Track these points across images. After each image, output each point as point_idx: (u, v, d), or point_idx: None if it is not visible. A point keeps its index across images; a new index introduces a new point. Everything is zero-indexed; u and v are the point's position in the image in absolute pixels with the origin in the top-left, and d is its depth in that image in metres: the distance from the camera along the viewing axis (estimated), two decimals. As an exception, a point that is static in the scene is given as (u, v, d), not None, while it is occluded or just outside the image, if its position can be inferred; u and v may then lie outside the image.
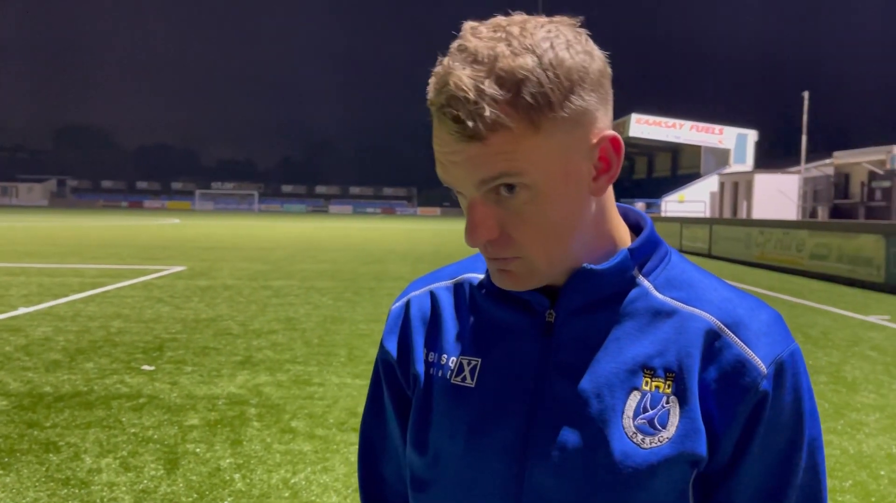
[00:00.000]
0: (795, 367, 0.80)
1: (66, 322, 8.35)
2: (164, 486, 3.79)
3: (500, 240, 0.77)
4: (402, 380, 0.94)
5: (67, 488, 3.74)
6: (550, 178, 0.74)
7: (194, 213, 76.59)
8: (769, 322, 0.81)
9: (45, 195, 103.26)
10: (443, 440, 0.86)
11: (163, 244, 22.90)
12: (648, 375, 0.79)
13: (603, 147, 0.77)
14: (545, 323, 0.83)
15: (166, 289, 11.48)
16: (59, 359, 6.49)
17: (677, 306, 0.82)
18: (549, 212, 0.75)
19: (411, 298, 0.96)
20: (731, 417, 0.78)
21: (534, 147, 0.72)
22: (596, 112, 0.76)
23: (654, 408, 0.78)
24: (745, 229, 20.60)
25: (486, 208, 0.75)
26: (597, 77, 0.75)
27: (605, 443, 0.78)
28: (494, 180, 0.73)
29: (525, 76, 0.70)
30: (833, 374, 6.60)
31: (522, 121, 0.71)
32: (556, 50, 0.72)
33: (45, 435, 4.52)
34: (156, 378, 5.92)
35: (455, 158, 0.74)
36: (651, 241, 0.85)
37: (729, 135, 40.94)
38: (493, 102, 0.70)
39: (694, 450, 0.77)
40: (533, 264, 0.78)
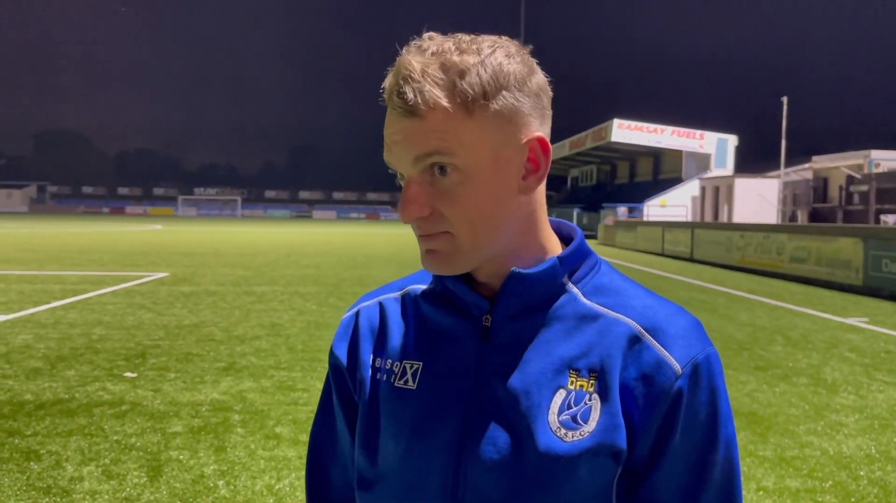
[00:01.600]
0: (710, 369, 0.85)
1: (46, 329, 8.27)
2: (147, 494, 3.77)
3: (431, 216, 0.82)
4: (351, 384, 0.99)
5: (49, 497, 3.71)
6: (480, 163, 0.81)
7: (177, 219, 76.01)
8: (686, 327, 0.87)
9: (25, 201, 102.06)
10: (387, 441, 0.91)
11: (145, 250, 22.72)
12: (574, 375, 0.85)
13: (532, 147, 0.84)
14: (482, 327, 0.89)
15: (149, 296, 11.40)
16: (39, 367, 6.42)
17: (602, 311, 0.88)
18: (478, 194, 0.81)
19: (361, 309, 1.01)
20: (649, 414, 0.83)
21: (466, 131, 0.79)
22: (529, 116, 0.83)
23: (577, 405, 0.84)
24: (726, 233, 20.78)
25: (421, 187, 0.82)
26: (534, 88, 0.84)
27: (531, 437, 0.83)
28: (428, 156, 0.80)
29: (466, 68, 0.79)
30: (813, 376, 6.68)
31: (458, 104, 0.79)
32: (496, 55, 0.81)
33: (26, 443, 4.47)
34: (138, 385, 5.88)
35: (397, 137, 0.81)
36: (580, 251, 0.91)
37: (710, 139, 41.26)
38: (433, 83, 0.78)
39: (613, 442, 0.82)
40: (458, 242, 0.83)
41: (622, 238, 30.80)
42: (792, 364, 7.20)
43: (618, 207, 39.86)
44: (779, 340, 8.53)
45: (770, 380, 6.52)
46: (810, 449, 4.68)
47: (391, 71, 0.81)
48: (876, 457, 4.57)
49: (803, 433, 5.00)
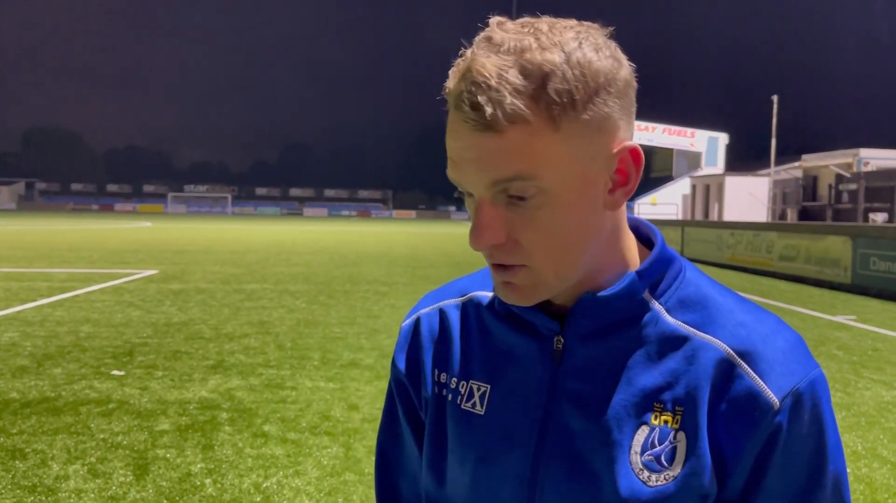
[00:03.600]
0: (815, 398, 0.75)
1: (33, 327, 8.21)
2: (133, 492, 3.75)
3: (506, 245, 0.73)
4: (415, 398, 0.93)
5: (34, 495, 3.68)
6: (567, 183, 0.71)
7: (166, 217, 75.73)
8: (786, 350, 0.77)
9: (13, 198, 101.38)
10: (454, 465, 0.85)
11: (134, 248, 22.61)
12: (658, 410, 0.76)
13: (622, 158, 0.74)
14: (553, 349, 0.81)
15: (137, 293, 11.34)
16: (26, 365, 6.38)
17: (690, 332, 0.78)
18: (561, 220, 0.72)
19: (421, 315, 0.94)
20: (741, 452, 0.75)
21: (552, 147, 0.69)
22: (619, 121, 0.72)
23: (661, 444, 0.76)
24: (716, 231, 20.87)
25: (495, 210, 0.72)
26: (623, 86, 0.72)
27: (612, 478, 0.76)
28: (508, 181, 0.69)
29: (551, 70, 0.67)
30: (801, 374, 6.71)
31: (543, 116, 0.67)
32: (584, 50, 0.69)
33: (12, 441, 4.44)
34: (125, 383, 5.84)
35: (468, 154, 0.70)
36: (662, 260, 0.81)
37: (700, 138, 41.39)
38: (514, 92, 0.67)
39: (700, 487, 0.75)
40: (539, 275, 0.74)
41: (613, 236, 30.89)
42: (780, 361, 7.23)
43: (609, 205, 39.97)
44: (767, 338, 8.56)
45: (758, 377, 6.55)
46: (798, 446, 4.70)
47: (456, 70, 0.70)
48: (862, 454, 4.59)
49: (791, 430, 5.02)
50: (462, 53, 0.71)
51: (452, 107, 0.70)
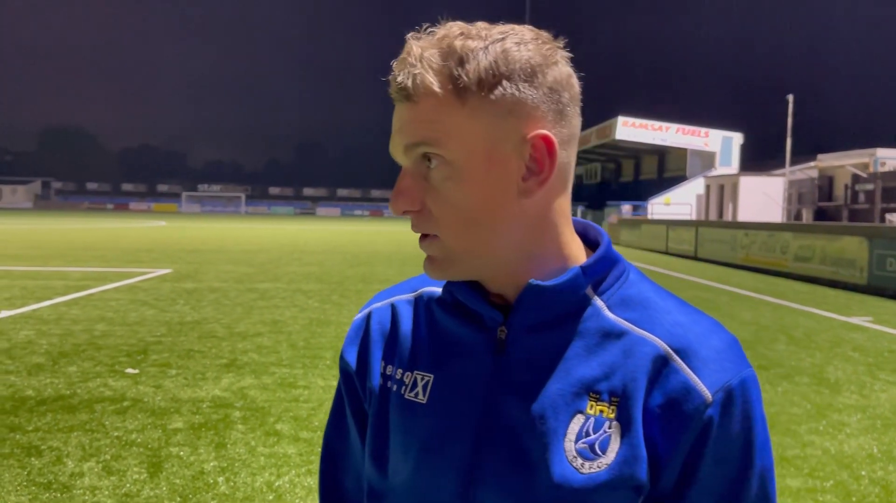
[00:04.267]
0: (746, 395, 0.78)
1: (49, 325, 8.29)
2: (147, 490, 3.78)
3: (421, 213, 0.79)
4: (361, 392, 0.94)
5: (49, 492, 3.71)
6: (471, 158, 0.75)
7: (181, 216, 76.18)
8: (720, 348, 0.80)
9: (30, 197, 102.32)
10: (396, 454, 0.86)
11: (148, 247, 22.76)
12: (594, 399, 0.78)
13: (535, 145, 0.76)
14: (497, 340, 0.83)
15: (151, 292, 11.42)
16: (41, 363, 6.44)
17: (628, 328, 0.81)
18: (466, 194, 0.76)
19: (373, 310, 0.96)
20: (674, 445, 0.77)
21: (457, 120, 0.75)
22: (536, 111, 0.76)
23: (595, 433, 0.78)
24: (730, 231, 20.74)
25: (414, 180, 0.78)
26: (548, 81, 0.76)
27: (546, 465, 0.77)
28: (416, 146, 0.76)
29: (465, 54, 0.74)
30: (815, 376, 6.66)
31: (450, 91, 0.74)
32: (505, 42, 0.75)
33: (27, 439, 4.48)
34: (140, 381, 5.89)
35: (395, 126, 0.78)
36: (606, 259, 0.84)
37: (714, 137, 41.16)
38: (428, 68, 0.74)
39: (633, 475, 0.76)
40: (449, 248, 0.79)
41: (626, 236, 30.76)
42: (795, 363, 7.18)
43: (622, 205, 39.78)
44: (782, 339, 8.51)
45: (772, 379, 6.50)
46: (812, 448, 4.66)
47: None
48: (878, 457, 4.55)
49: (805, 432, 4.98)
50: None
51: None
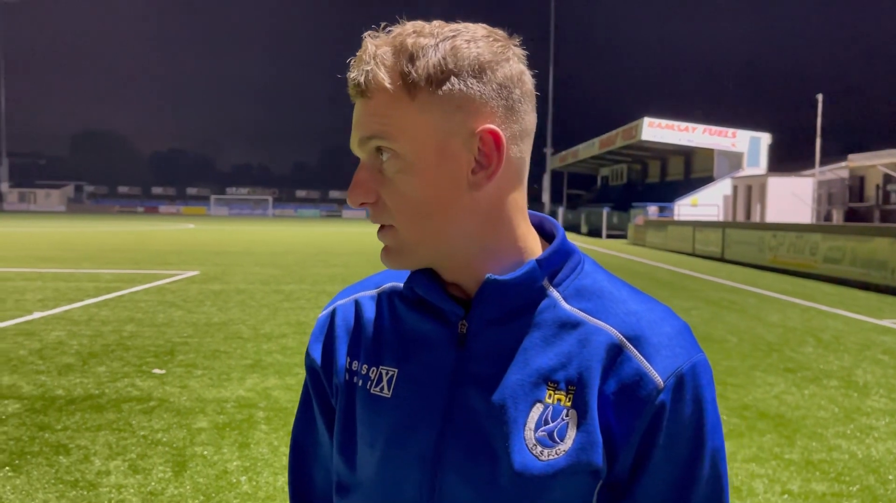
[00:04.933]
0: (696, 380, 0.81)
1: (80, 326, 8.45)
2: (171, 488, 3.84)
3: (377, 205, 0.82)
4: (327, 387, 0.97)
5: (76, 490, 3.79)
6: (421, 152, 0.78)
7: (209, 218, 77.05)
8: (671, 335, 0.83)
9: (63, 201, 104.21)
10: (363, 448, 0.89)
11: (177, 249, 23.07)
12: (552, 388, 0.81)
13: (483, 139, 0.79)
14: (458, 334, 0.85)
15: (179, 294, 11.58)
16: (71, 363, 6.56)
17: (583, 318, 0.83)
18: (417, 186, 0.79)
19: (337, 307, 0.98)
20: (629, 429, 0.80)
21: (407, 115, 0.78)
22: (485, 107, 0.79)
23: (554, 421, 0.80)
24: (757, 233, 20.48)
25: (369, 172, 0.81)
26: (498, 78, 0.79)
27: (507, 454, 0.80)
28: (369, 140, 0.80)
29: (415, 51, 0.77)
30: (844, 379, 6.56)
31: (400, 86, 0.77)
32: (455, 40, 0.78)
33: (56, 437, 4.58)
34: (166, 381, 5.98)
35: (353, 121, 0.82)
36: (561, 251, 0.86)
37: (742, 138, 40.63)
38: (380, 64, 0.77)
39: (590, 461, 0.79)
40: (403, 238, 0.82)
41: (652, 238, 30.51)
42: (823, 366, 7.08)
43: (648, 207, 39.43)
44: (810, 342, 8.39)
45: (799, 382, 6.42)
46: (838, 452, 4.60)
47: None
48: (906, 462, 4.47)
49: (832, 436, 4.91)
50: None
51: None
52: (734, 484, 4.07)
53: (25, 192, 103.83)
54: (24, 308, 9.72)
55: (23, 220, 54.95)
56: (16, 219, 57.22)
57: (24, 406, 5.22)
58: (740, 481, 4.11)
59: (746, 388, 6.15)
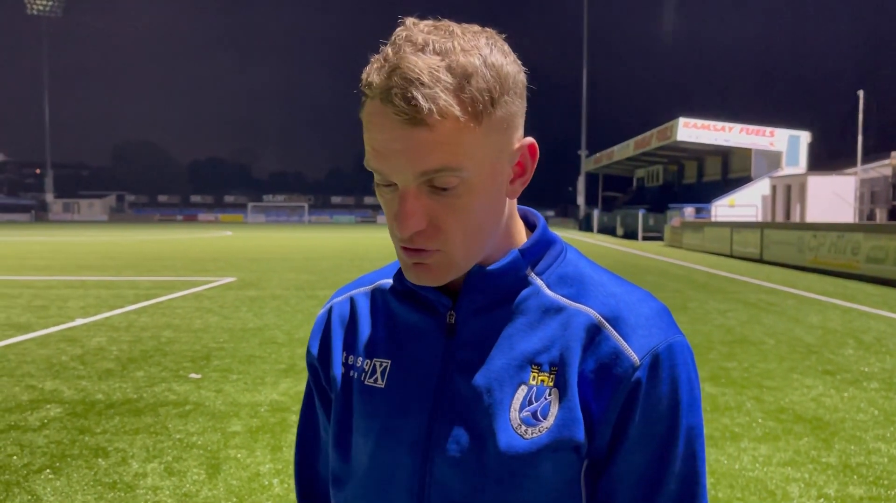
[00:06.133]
0: (672, 359, 0.83)
1: (119, 332, 8.64)
2: (205, 491, 3.91)
3: (427, 231, 0.79)
4: (325, 383, 1.00)
5: (114, 492, 3.88)
6: (482, 174, 0.78)
7: (246, 226, 78.14)
8: (648, 316, 0.85)
9: (105, 210, 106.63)
10: (358, 439, 0.92)
11: (215, 256, 23.45)
12: (536, 370, 0.84)
13: (523, 152, 0.83)
14: (447, 323, 0.88)
15: (216, 300, 11.77)
16: (111, 368, 6.72)
17: (565, 303, 0.86)
18: (476, 208, 0.79)
19: (333, 305, 1.02)
20: (606, 406, 0.82)
21: (475, 141, 0.76)
22: (520, 118, 0.82)
23: (537, 401, 0.83)
24: (797, 233, 20.08)
25: (419, 199, 0.78)
26: (522, 87, 0.81)
27: (493, 435, 0.83)
28: (436, 172, 0.75)
29: (473, 71, 0.75)
30: (885, 381, 6.40)
31: (469, 112, 0.74)
32: (496, 55, 0.77)
33: (96, 440, 4.69)
34: (202, 386, 6.09)
35: (397, 146, 0.75)
36: (543, 241, 0.90)
37: (781, 137, 39.90)
38: (446, 89, 0.73)
39: (572, 436, 0.81)
40: (452, 257, 0.81)
41: (689, 239, 30.12)
42: (863, 368, 6.92)
43: (685, 208, 38.94)
44: (850, 343, 8.20)
45: (838, 384, 6.28)
46: (877, 455, 4.49)
47: (382, 63, 0.75)
48: (949, 466, 4.35)
49: (871, 439, 4.80)
50: (383, 51, 0.77)
51: (379, 100, 0.75)
52: (768, 487, 4.01)
53: (69, 203, 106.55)
54: (67, 315, 9.98)
55: (67, 229, 56.36)
56: (60, 228, 58.72)
57: (65, 410, 5.36)
58: (775, 485, 4.04)
59: (783, 391, 6.04)
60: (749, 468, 4.30)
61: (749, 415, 5.35)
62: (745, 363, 7.13)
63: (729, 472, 4.23)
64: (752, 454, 4.53)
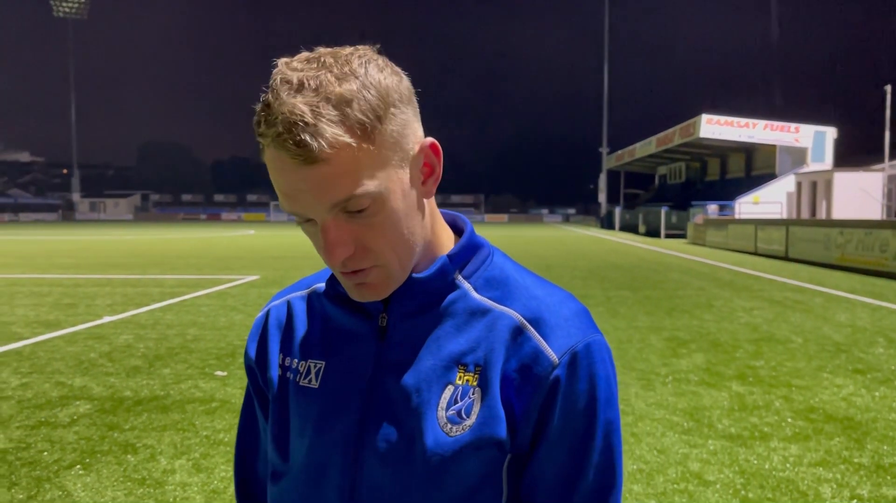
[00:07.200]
0: (590, 358, 0.87)
1: (146, 330, 8.73)
2: (232, 487, 3.93)
3: (356, 254, 0.82)
4: (262, 384, 1.03)
5: (143, 488, 3.92)
6: (390, 187, 0.81)
7: (269, 224, 78.65)
8: (567, 317, 0.89)
9: (130, 209, 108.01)
10: (294, 438, 0.95)
11: (238, 254, 23.63)
12: (462, 370, 0.88)
13: (426, 153, 0.86)
14: (379, 327, 0.92)
15: (240, 298, 11.86)
16: (139, 365, 6.79)
17: (491, 306, 0.90)
18: (395, 219, 0.82)
19: (271, 308, 1.05)
20: (527, 404, 0.86)
21: (372, 160, 0.78)
22: (413, 123, 0.84)
23: (462, 400, 0.87)
24: (823, 230, 19.81)
25: (339, 228, 0.81)
26: (407, 94, 0.84)
27: (420, 433, 0.87)
28: (345, 201, 0.78)
29: (352, 97, 0.76)
30: (917, 380, 6.29)
31: (358, 135, 0.76)
32: (371, 73, 0.79)
33: (125, 437, 4.74)
34: (227, 383, 6.13)
35: (302, 186, 0.77)
36: (470, 246, 0.94)
37: (806, 133, 39.37)
38: (330, 122, 0.75)
39: (493, 434, 0.85)
40: (389, 270, 0.85)
41: (712, 237, 29.83)
42: (894, 367, 6.80)
43: (708, 205, 38.57)
44: (880, 342, 8.07)
45: (869, 383, 6.19)
46: (911, 456, 4.41)
47: (265, 111, 0.77)
48: None
49: (904, 440, 4.72)
50: (263, 98, 0.78)
51: (273, 147, 0.77)
52: (800, 488, 3.95)
53: (95, 202, 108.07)
54: (95, 313, 10.11)
55: (93, 228, 57.13)
56: (87, 227, 59.53)
57: (94, 407, 5.43)
58: (807, 486, 3.98)
59: (813, 390, 5.96)
60: (780, 468, 4.24)
61: (778, 415, 5.28)
62: (773, 362, 7.04)
63: (759, 472, 4.18)
64: (782, 454, 4.47)
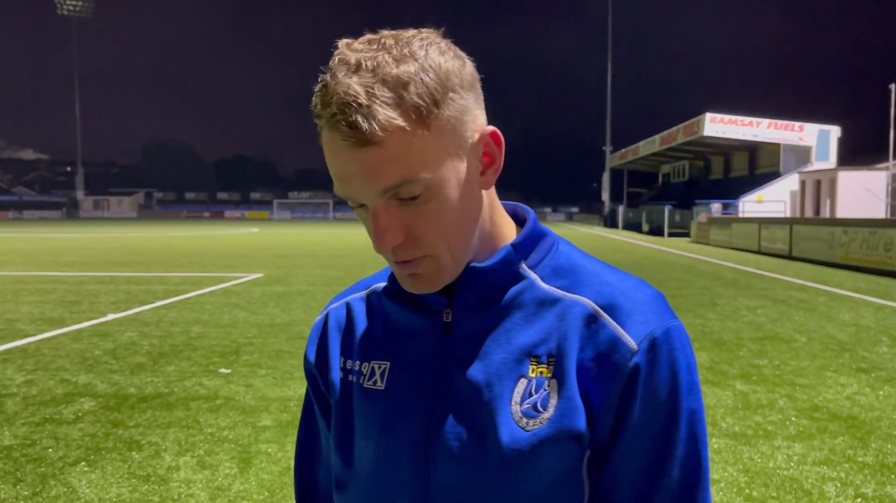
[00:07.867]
0: (670, 344, 0.83)
1: (150, 327, 8.75)
2: (237, 484, 3.94)
3: (406, 242, 0.80)
4: (324, 389, 1.00)
5: (148, 484, 3.93)
6: (445, 175, 0.78)
7: (272, 222, 78.69)
8: (644, 302, 0.85)
9: (134, 207, 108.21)
10: (360, 442, 0.92)
11: (242, 252, 23.65)
12: (534, 362, 0.84)
13: (486, 143, 0.83)
14: (444, 322, 0.89)
15: (244, 296, 11.87)
16: (143, 363, 6.80)
17: (560, 294, 0.87)
18: (448, 209, 0.80)
19: (330, 311, 1.02)
20: (606, 393, 0.82)
21: (427, 145, 0.76)
22: (475, 110, 0.81)
23: (537, 393, 0.83)
24: (827, 229, 19.77)
25: (390, 214, 0.79)
26: (470, 79, 0.81)
27: (494, 429, 0.83)
28: (397, 187, 0.76)
29: (409, 79, 0.74)
30: (921, 379, 6.28)
31: (413, 120, 0.74)
32: (431, 55, 0.77)
33: (129, 434, 4.75)
34: (232, 381, 6.14)
35: (353, 169, 0.76)
36: (534, 235, 0.91)
37: (810, 131, 39.29)
38: (384, 104, 0.73)
39: (573, 426, 0.81)
40: (440, 261, 0.82)
41: (716, 235, 29.79)
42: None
43: (711, 204, 38.51)
44: (884, 341, 8.06)
45: (873, 382, 6.17)
46: (916, 455, 4.41)
47: (322, 91, 0.76)
48: None
49: (909, 439, 4.71)
50: (321, 79, 0.77)
51: (327, 129, 0.76)
52: (804, 486, 3.95)
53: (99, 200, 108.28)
54: (99, 310, 10.13)
55: (97, 226, 57.23)
56: (90, 225, 59.63)
57: (98, 404, 5.44)
58: (811, 484, 3.98)
59: (816, 389, 5.95)
60: (784, 467, 4.24)
61: (782, 413, 5.28)
62: (777, 360, 7.03)
63: (763, 471, 4.18)
64: (786, 453, 4.47)
